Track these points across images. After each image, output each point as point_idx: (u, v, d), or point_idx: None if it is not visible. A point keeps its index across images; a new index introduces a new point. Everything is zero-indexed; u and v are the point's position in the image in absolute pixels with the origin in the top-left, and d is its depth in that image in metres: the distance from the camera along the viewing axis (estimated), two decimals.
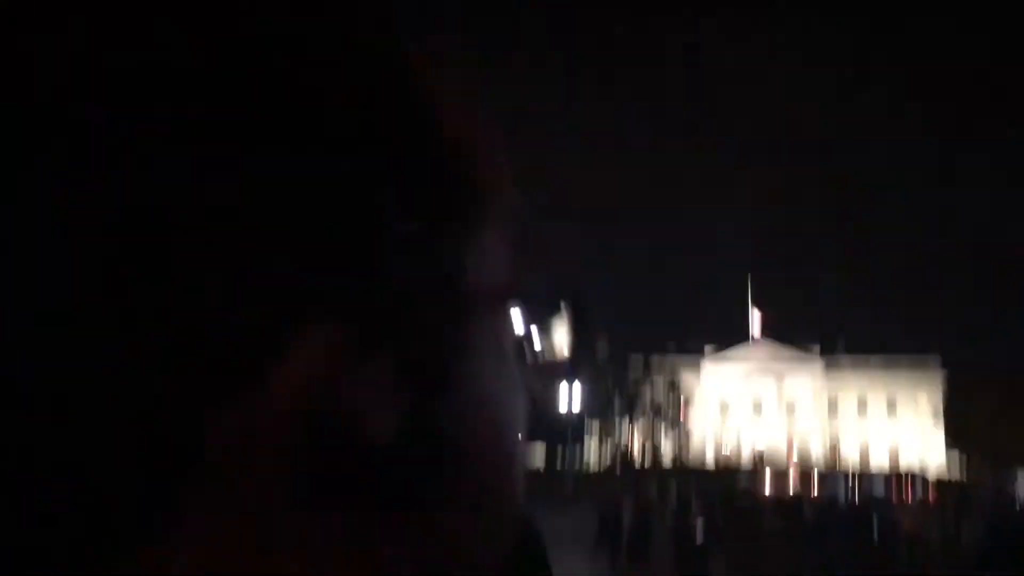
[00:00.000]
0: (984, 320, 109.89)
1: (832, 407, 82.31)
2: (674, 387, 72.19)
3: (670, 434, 71.66)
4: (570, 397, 43.53)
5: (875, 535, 19.74)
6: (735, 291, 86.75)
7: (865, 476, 51.93)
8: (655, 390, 70.76)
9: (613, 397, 67.78)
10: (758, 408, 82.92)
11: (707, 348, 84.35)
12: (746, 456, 77.93)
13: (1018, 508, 25.68)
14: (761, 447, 79.33)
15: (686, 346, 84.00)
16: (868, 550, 18.28)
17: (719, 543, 17.23)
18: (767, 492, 42.40)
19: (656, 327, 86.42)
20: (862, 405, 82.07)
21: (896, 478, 49.27)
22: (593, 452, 68.88)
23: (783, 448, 77.24)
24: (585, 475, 54.94)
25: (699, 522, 16.22)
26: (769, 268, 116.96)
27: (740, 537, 20.65)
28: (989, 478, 50.65)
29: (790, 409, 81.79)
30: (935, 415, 77.88)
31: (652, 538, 18.24)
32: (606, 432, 69.63)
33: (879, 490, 42.52)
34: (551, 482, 43.62)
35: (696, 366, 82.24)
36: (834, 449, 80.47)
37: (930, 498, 38.35)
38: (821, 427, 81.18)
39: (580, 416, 51.04)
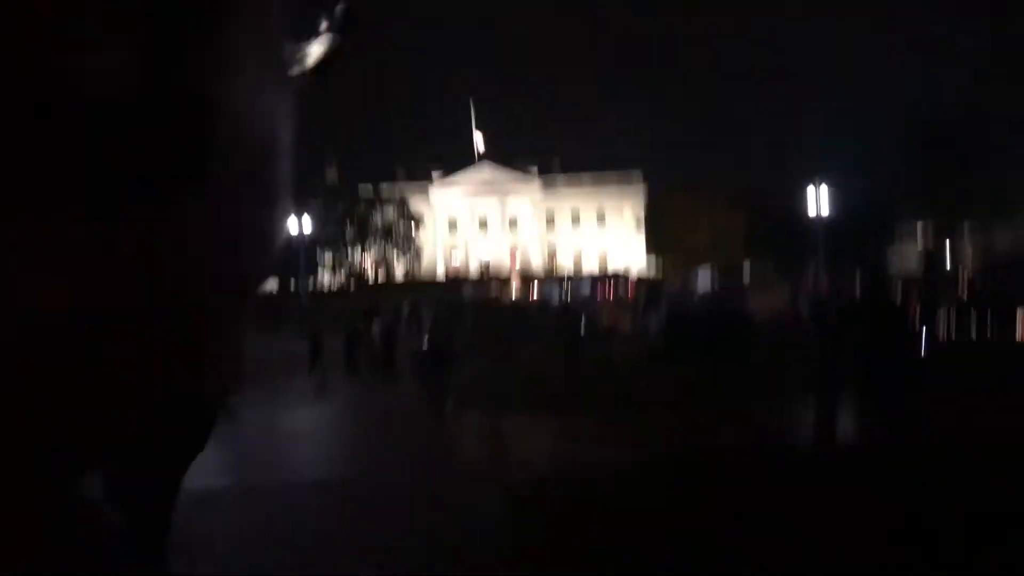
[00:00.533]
0: (679, 133, 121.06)
1: (550, 221, 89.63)
2: (404, 212, 73.69)
3: (402, 255, 73.82)
4: (300, 221, 43.21)
5: (581, 329, 22.51)
6: (458, 115, 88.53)
7: (576, 280, 57.55)
8: (385, 215, 71.85)
9: (345, 223, 68.05)
10: (483, 225, 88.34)
11: (434, 174, 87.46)
12: (473, 269, 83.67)
13: (695, 299, 29.90)
14: (487, 260, 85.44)
15: (413, 172, 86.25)
16: (574, 342, 20.91)
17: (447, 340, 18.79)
18: (491, 297, 45.91)
19: (383, 153, 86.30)
20: (576, 218, 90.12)
21: (602, 280, 55.07)
22: (327, 276, 69.51)
23: (507, 260, 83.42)
24: (320, 295, 55.79)
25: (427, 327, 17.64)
26: (489, 91, 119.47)
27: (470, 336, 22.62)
28: (678, 276, 57.57)
29: (512, 224, 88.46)
30: (637, 224, 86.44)
31: (394, 346, 19.56)
32: (339, 258, 70.21)
33: (586, 291, 47.63)
34: (284, 305, 43.82)
35: (424, 191, 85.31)
36: (552, 258, 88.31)
37: (628, 295, 43.62)
38: (540, 240, 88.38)
39: (313, 241, 50.87)
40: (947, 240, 58.94)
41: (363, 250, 70.81)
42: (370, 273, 70.98)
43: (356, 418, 15.40)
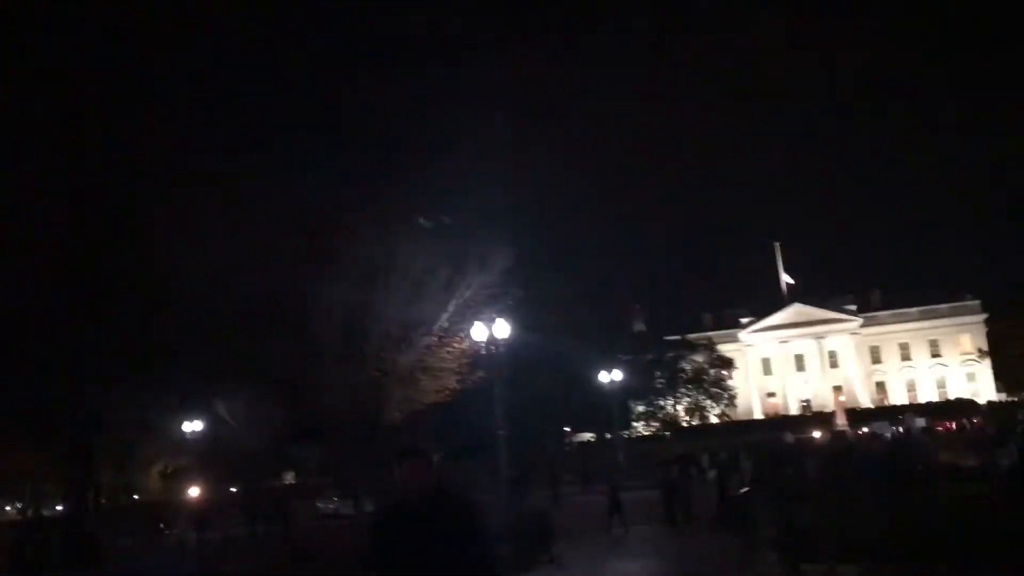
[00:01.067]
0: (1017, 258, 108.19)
1: (875, 359, 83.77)
2: (713, 358, 72.98)
3: (714, 401, 72.50)
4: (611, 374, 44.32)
5: (917, 465, 20.43)
6: (763, 259, 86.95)
7: (911, 413, 52.26)
8: (695, 362, 71.64)
9: (654, 373, 68.66)
10: (800, 367, 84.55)
11: (743, 320, 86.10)
12: (793, 408, 79.98)
13: None
14: (807, 398, 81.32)
15: (721, 319, 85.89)
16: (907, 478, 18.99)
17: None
18: (813, 435, 43.23)
19: (689, 305, 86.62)
20: (905, 353, 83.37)
21: (942, 411, 49.77)
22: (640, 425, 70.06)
23: (829, 395, 79.12)
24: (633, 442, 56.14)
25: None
26: (793, 233, 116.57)
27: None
28: None
29: (832, 363, 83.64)
30: (979, 354, 78.22)
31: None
32: (651, 408, 70.68)
33: (921, 424, 42.89)
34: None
35: (733, 338, 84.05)
36: (881, 393, 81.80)
37: (974, 426, 38.75)
38: (865, 375, 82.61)
39: (624, 392, 51.64)
40: None
41: (675, 398, 70.53)
42: (683, 420, 70.17)
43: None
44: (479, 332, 21.96)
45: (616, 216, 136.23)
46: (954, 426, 44.10)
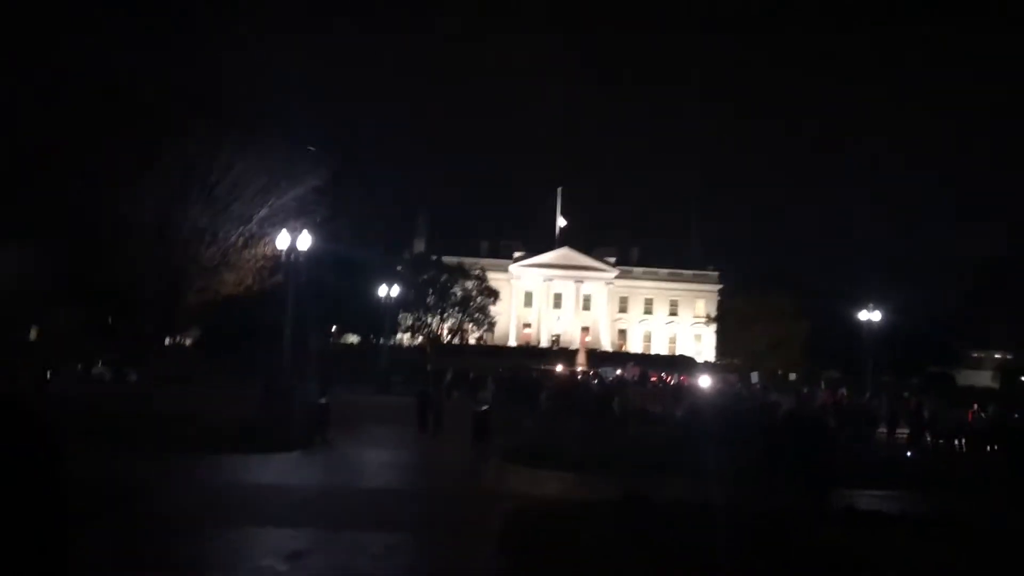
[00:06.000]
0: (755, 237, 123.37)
1: (623, 309, 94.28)
2: (482, 287, 78.38)
3: (476, 325, 78.32)
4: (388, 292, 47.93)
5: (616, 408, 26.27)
6: (550, 201, 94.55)
7: (632, 365, 60.85)
8: (465, 286, 76.73)
9: (427, 290, 73.07)
10: (557, 304, 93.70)
11: (516, 253, 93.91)
12: (544, 341, 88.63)
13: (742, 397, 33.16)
14: (556, 334, 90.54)
15: (497, 249, 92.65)
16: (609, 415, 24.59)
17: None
18: (556, 368, 50.08)
19: (473, 232, 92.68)
20: (649, 308, 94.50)
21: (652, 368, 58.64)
22: (406, 337, 74.40)
23: (577, 335, 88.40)
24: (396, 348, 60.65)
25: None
26: (575, 180, 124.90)
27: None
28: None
29: (585, 307, 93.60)
30: (708, 320, 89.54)
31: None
32: (418, 322, 75.04)
33: (636, 375, 50.98)
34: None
35: (504, 268, 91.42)
36: (622, 338, 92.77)
37: (676, 382, 46.91)
38: (611, 321, 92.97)
39: (398, 304, 55.60)
40: None
41: (442, 317, 75.68)
42: (445, 338, 75.65)
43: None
44: (283, 240, 23.84)
45: (431, 144, 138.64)
46: (667, 379, 52.40)
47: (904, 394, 39.59)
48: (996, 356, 78.18)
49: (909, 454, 23.57)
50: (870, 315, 45.05)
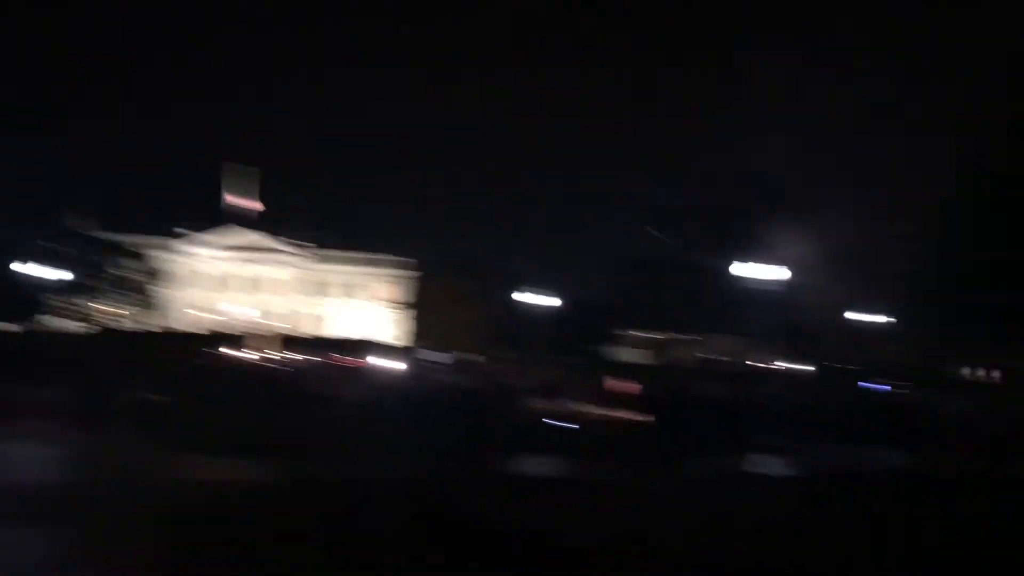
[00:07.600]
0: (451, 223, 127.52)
1: (312, 292, 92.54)
2: (143, 265, 73.15)
3: (136, 307, 73.03)
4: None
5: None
6: (214, 178, 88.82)
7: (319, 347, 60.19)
8: (123, 266, 71.09)
9: (82, 272, 66.70)
10: (226, 286, 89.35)
11: (180, 231, 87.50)
12: (209, 324, 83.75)
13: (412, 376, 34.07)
14: (234, 316, 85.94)
15: (159, 227, 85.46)
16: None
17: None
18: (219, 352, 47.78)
19: (142, 208, 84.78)
20: (342, 291, 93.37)
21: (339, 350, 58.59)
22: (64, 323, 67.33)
23: (258, 318, 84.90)
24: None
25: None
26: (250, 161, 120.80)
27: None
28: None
29: (262, 288, 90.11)
30: (401, 304, 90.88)
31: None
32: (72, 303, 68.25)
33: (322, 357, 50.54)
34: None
35: (168, 247, 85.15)
36: (308, 322, 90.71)
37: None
38: (302, 305, 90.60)
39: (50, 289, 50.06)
40: None
41: (95, 298, 69.29)
42: (101, 321, 69.31)
43: None
44: None
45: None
46: (355, 362, 52.42)
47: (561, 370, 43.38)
48: (656, 337, 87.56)
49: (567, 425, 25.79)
50: (541, 300, 49.23)
